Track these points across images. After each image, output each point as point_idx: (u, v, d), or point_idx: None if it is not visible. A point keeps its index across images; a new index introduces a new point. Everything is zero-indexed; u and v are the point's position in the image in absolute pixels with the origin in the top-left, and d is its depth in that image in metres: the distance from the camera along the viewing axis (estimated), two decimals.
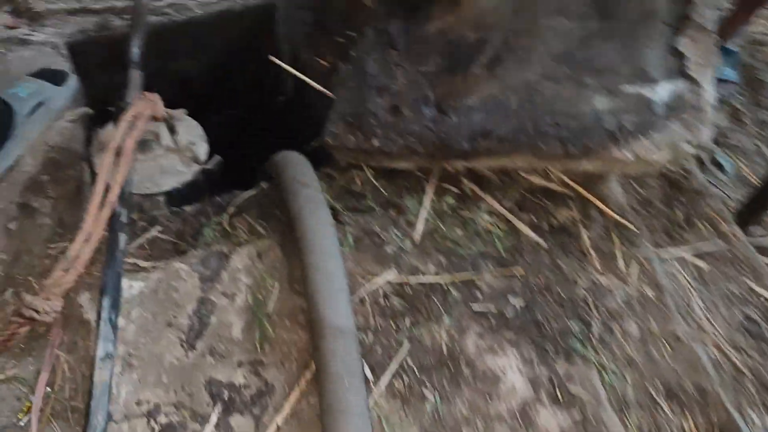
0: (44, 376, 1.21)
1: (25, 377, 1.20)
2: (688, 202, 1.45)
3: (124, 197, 1.30)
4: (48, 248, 1.34)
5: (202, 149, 1.57)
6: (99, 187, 1.28)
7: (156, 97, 1.38)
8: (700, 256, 1.37)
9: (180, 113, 1.62)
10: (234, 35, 1.87)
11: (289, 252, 1.29)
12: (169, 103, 1.98)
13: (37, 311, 1.18)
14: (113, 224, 1.27)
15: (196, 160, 1.51)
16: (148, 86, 1.89)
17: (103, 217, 1.26)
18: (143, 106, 1.36)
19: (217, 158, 1.61)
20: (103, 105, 1.89)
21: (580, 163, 1.31)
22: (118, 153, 1.30)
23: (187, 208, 1.43)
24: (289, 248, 1.29)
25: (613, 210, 1.39)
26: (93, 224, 1.25)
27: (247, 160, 1.97)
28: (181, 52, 1.86)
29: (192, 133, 1.59)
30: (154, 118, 1.41)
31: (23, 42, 1.65)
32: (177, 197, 1.54)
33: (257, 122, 2.15)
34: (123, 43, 1.68)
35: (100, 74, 1.80)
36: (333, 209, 1.37)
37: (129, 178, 1.32)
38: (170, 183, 1.50)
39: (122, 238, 1.26)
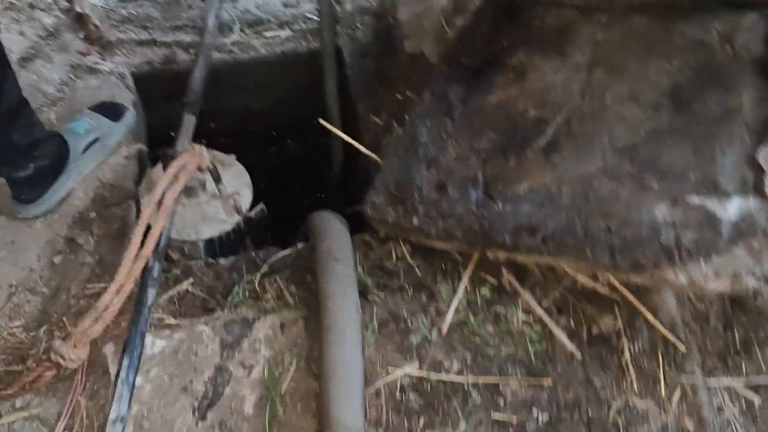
0: (63, 421, 1.25)
1: (47, 418, 1.24)
2: (749, 324, 1.33)
3: (159, 251, 1.32)
4: (86, 288, 1.39)
5: (246, 199, 1.57)
6: (136, 239, 1.30)
7: (202, 149, 1.39)
8: (754, 388, 1.25)
9: (229, 158, 1.63)
10: (295, 77, 1.87)
11: (312, 328, 1.27)
12: (226, 135, 2.02)
13: (63, 358, 1.22)
14: (145, 278, 1.29)
15: (238, 210, 1.52)
16: (209, 118, 1.93)
17: (136, 269, 1.28)
18: (189, 157, 1.38)
19: (260, 207, 1.62)
20: (163, 136, 1.94)
21: (628, 276, 1.22)
22: (159, 205, 1.32)
23: (222, 261, 1.44)
24: (313, 324, 1.27)
25: (662, 323, 1.29)
26: (126, 276, 1.28)
27: (292, 204, 1.99)
28: (242, 88, 1.87)
29: (238, 180, 1.60)
30: (200, 169, 1.42)
31: (92, 70, 1.71)
32: (216, 245, 1.55)
33: (308, 166, 2.16)
34: (186, 79, 1.71)
35: (164, 106, 1.85)
36: (362, 285, 1.34)
37: (166, 231, 1.34)
38: (211, 231, 1.51)
39: (151, 293, 1.28)
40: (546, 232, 1.27)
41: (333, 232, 1.38)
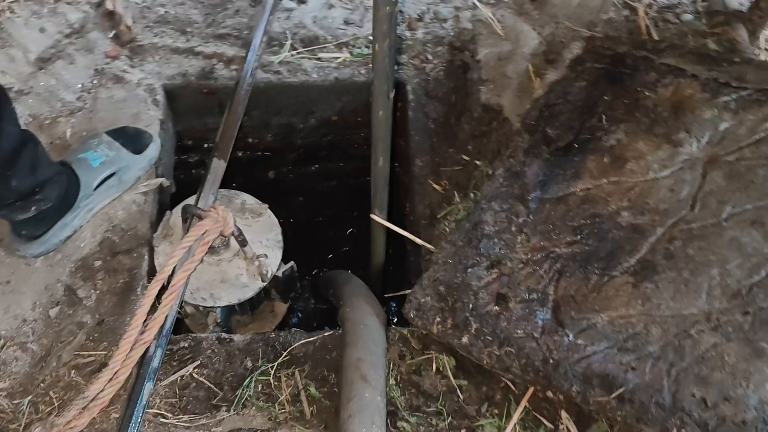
0: None
1: None
2: None
3: (163, 336, 1.16)
4: (78, 356, 1.24)
5: (275, 259, 1.39)
6: (137, 320, 1.15)
7: (227, 215, 1.21)
8: None
9: (261, 207, 1.45)
10: (348, 102, 1.64)
11: None
12: (264, 150, 1.83)
13: None
14: (143, 369, 1.14)
15: (263, 277, 1.34)
16: (247, 132, 1.75)
17: (134, 356, 1.13)
18: (211, 224, 1.20)
19: (289, 266, 1.44)
20: (193, 143, 1.77)
21: None
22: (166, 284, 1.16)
23: (236, 339, 1.28)
24: None
25: None
26: (121, 363, 1.13)
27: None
28: (286, 109, 1.67)
29: (267, 236, 1.41)
30: (223, 235, 1.24)
31: (118, 79, 1.52)
32: (236, 306, 1.39)
33: (348, 185, 1.97)
34: (224, 98, 1.52)
35: (196, 117, 1.66)
36: (392, 403, 1.16)
37: (173, 313, 1.17)
38: (229, 298, 1.35)
39: (147, 388, 1.13)
40: (625, 389, 1.05)
41: (367, 335, 1.20)
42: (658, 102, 1.35)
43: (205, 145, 1.79)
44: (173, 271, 1.18)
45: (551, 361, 1.11)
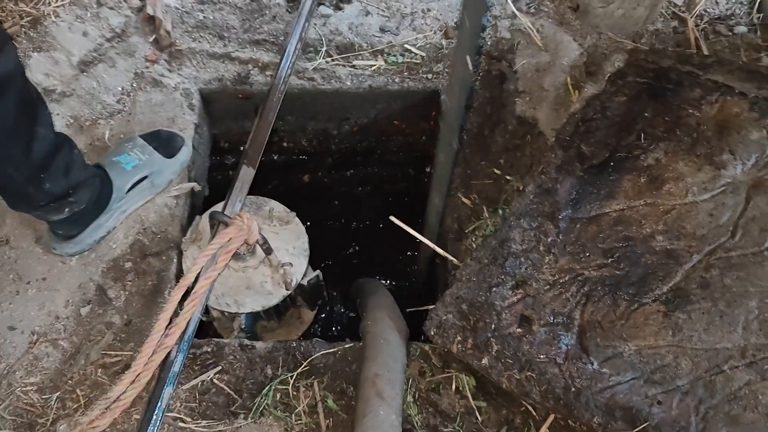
0: None
1: None
2: None
3: (185, 341, 1.18)
4: (105, 355, 1.28)
5: (300, 267, 1.39)
6: (160, 324, 1.17)
7: (252, 224, 1.22)
8: None
9: (289, 215, 1.45)
10: (383, 114, 1.64)
11: None
12: (299, 154, 1.85)
13: None
14: (163, 372, 1.16)
15: (287, 285, 1.35)
16: (282, 136, 1.76)
17: (155, 360, 1.16)
18: (235, 232, 1.21)
19: (314, 275, 1.44)
20: (230, 146, 1.79)
21: None
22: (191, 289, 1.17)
23: (258, 346, 1.29)
24: None
25: None
26: (143, 366, 1.15)
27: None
28: (319, 114, 1.67)
29: (293, 245, 1.42)
30: (247, 244, 1.25)
31: (156, 83, 1.55)
32: (261, 312, 1.40)
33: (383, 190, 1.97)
34: (260, 102, 1.53)
35: (232, 127, 1.68)
36: (408, 422, 1.15)
37: (196, 319, 1.19)
38: (253, 305, 1.36)
39: (167, 393, 1.15)
40: (649, 424, 1.02)
41: (387, 350, 1.19)
42: (701, 120, 1.29)
43: (241, 148, 1.81)
44: (197, 277, 1.20)
45: (573, 389, 1.08)
